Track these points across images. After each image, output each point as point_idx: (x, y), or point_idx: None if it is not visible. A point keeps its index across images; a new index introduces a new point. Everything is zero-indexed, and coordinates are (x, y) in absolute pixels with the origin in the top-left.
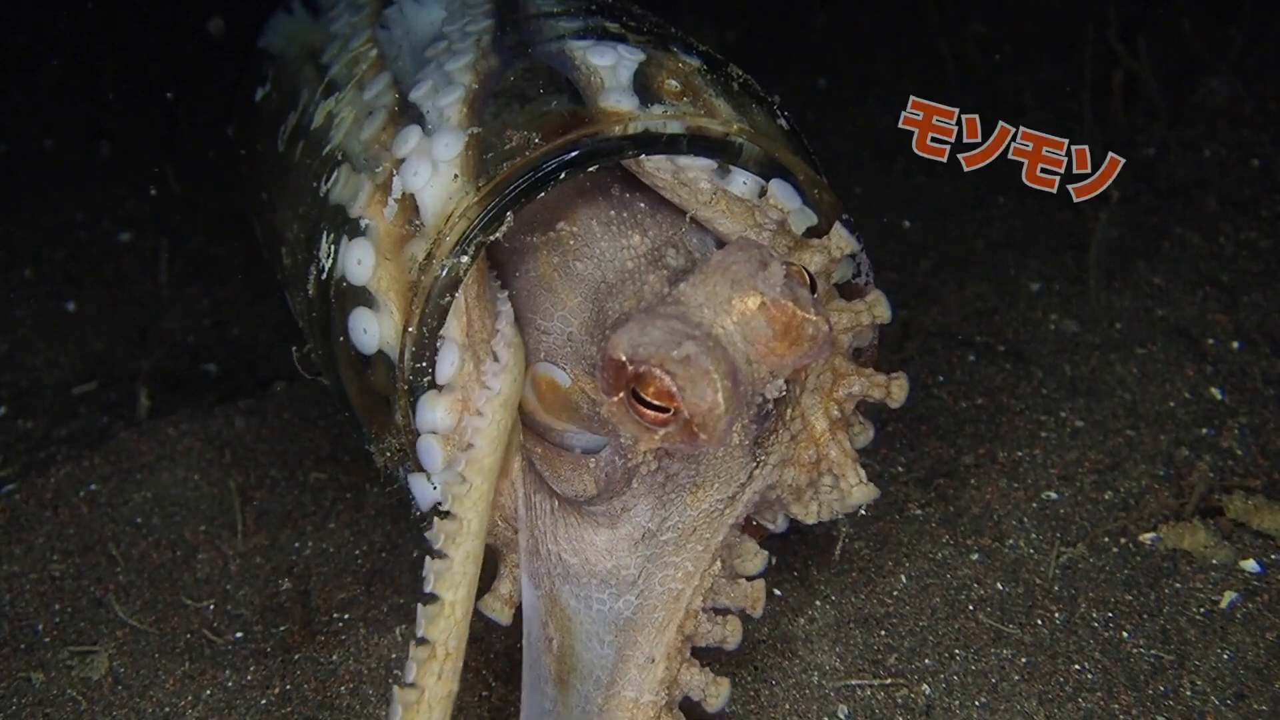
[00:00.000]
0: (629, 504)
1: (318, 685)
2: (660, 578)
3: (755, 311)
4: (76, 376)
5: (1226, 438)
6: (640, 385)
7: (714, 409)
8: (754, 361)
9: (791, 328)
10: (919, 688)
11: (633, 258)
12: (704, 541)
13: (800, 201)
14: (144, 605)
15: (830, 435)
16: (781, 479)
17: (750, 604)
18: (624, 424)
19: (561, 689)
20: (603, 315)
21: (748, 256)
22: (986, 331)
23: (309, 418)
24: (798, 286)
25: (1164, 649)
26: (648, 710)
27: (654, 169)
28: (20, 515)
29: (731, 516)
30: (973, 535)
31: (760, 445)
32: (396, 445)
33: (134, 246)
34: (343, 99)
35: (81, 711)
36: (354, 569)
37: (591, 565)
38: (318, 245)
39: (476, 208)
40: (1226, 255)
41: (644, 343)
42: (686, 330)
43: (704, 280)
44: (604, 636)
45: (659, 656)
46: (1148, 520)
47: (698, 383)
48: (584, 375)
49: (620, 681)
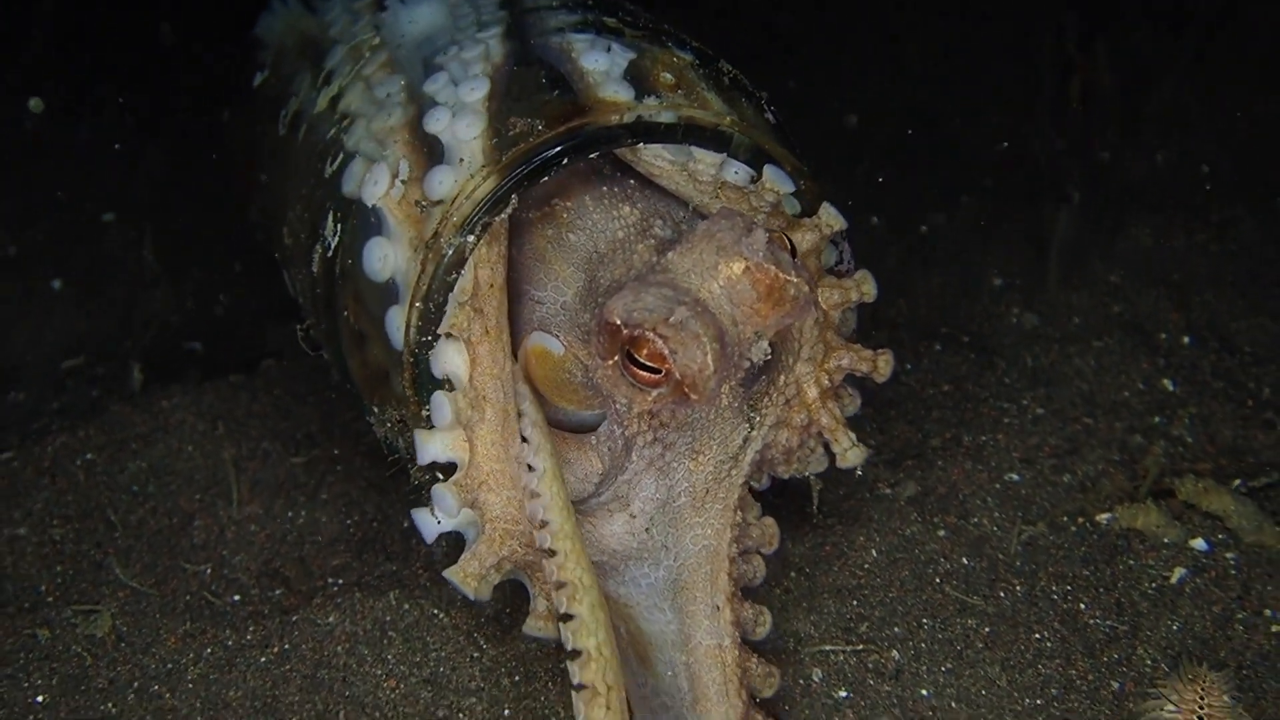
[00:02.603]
0: (633, 481)
1: (315, 645)
2: (690, 538)
3: (740, 275)
4: (63, 352)
5: (1177, 426)
6: (634, 348)
7: (704, 370)
8: (740, 323)
9: (774, 290)
10: (889, 654)
11: (623, 228)
12: (721, 501)
13: (793, 184)
14: (143, 568)
15: (821, 403)
16: (775, 440)
17: (767, 541)
18: (618, 387)
19: (646, 666)
20: (595, 283)
21: (731, 224)
22: (951, 323)
23: (299, 394)
24: (779, 251)
25: (1118, 620)
26: (731, 651)
27: (652, 157)
28: (19, 482)
29: (740, 476)
30: (940, 513)
31: (754, 409)
32: (396, 416)
33: (117, 226)
34: (346, 86)
35: (87, 666)
36: (346, 537)
37: (620, 552)
38: (323, 225)
39: (483, 190)
40: (1178, 256)
41: (638, 308)
42: (677, 296)
43: (691, 248)
44: (661, 605)
45: (722, 604)
46: (1103, 501)
47: (688, 345)
48: (577, 343)
49: (695, 635)
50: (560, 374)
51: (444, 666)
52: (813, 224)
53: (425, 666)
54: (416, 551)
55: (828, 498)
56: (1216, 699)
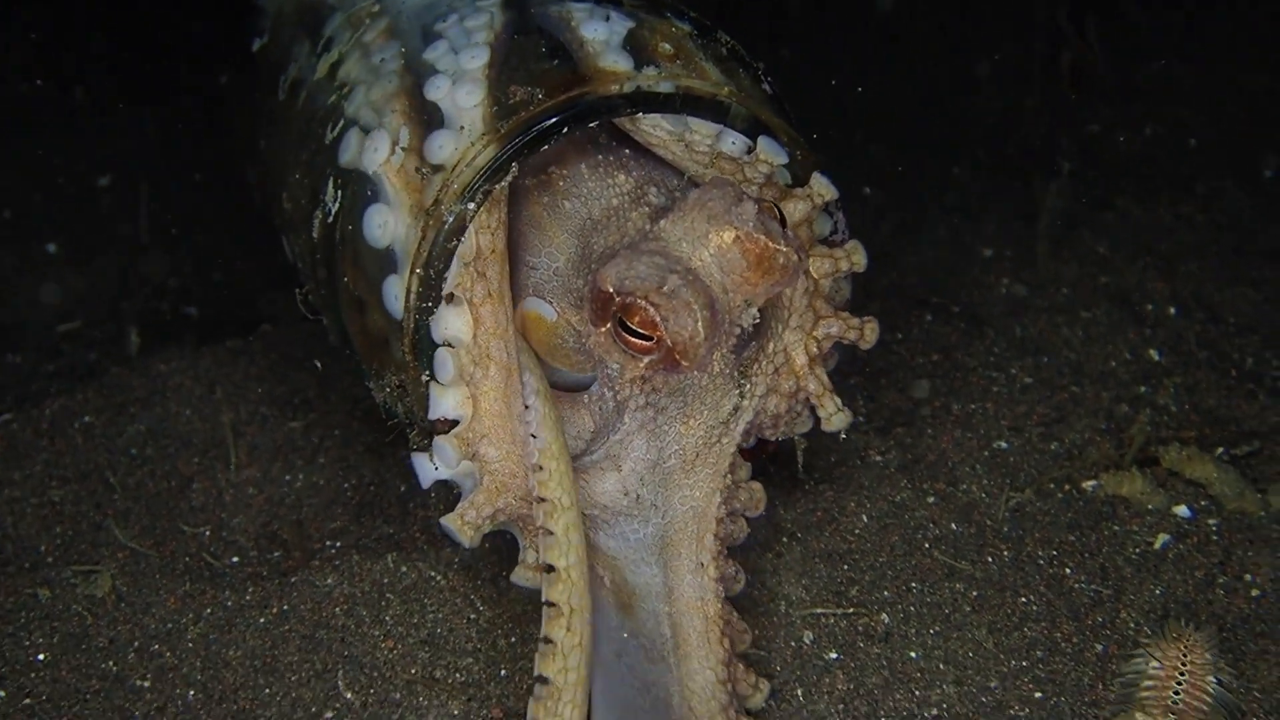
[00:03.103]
0: (625, 442)
1: (314, 606)
2: (679, 498)
3: (730, 244)
4: (59, 316)
5: (1163, 395)
6: (626, 315)
7: (695, 337)
8: (730, 291)
9: (764, 258)
10: (878, 617)
11: (618, 195)
12: (711, 466)
13: (786, 156)
14: (142, 530)
15: (809, 369)
16: (765, 407)
17: (754, 505)
18: (610, 353)
19: (627, 613)
20: (589, 250)
21: (722, 193)
22: (942, 293)
23: (295, 359)
24: (769, 220)
25: (1103, 584)
26: (714, 604)
27: (649, 127)
28: (18, 444)
29: (731, 443)
30: (929, 480)
31: (745, 376)
32: (396, 381)
33: (113, 190)
34: (346, 53)
35: (88, 625)
36: (344, 500)
37: (611, 508)
38: (323, 191)
39: (484, 158)
40: (1165, 227)
41: (630, 276)
42: (669, 265)
43: (683, 216)
44: (648, 560)
45: (707, 561)
46: (1090, 469)
47: (680, 313)
48: (569, 308)
49: (679, 588)
50: (553, 339)
51: (441, 628)
52: (804, 194)
53: (423, 628)
54: (414, 515)
55: (818, 464)
56: (1199, 656)
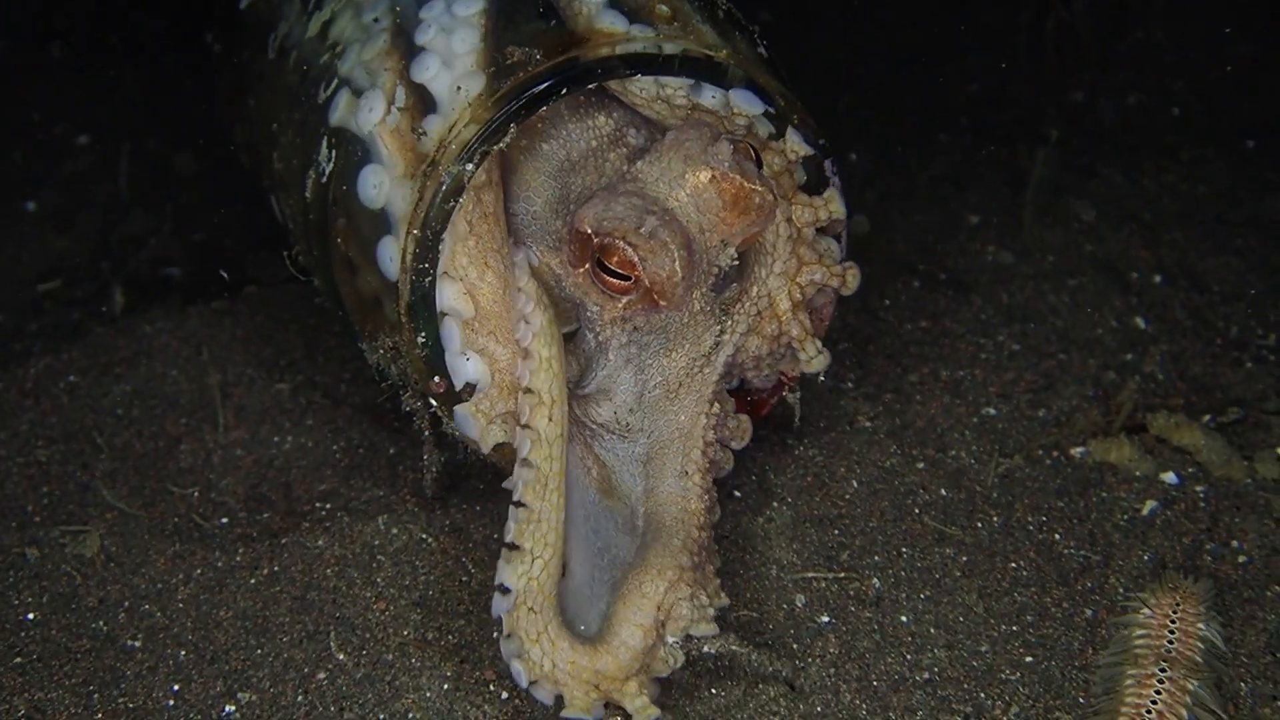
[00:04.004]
0: (613, 376)
1: (304, 568)
2: (664, 422)
3: (706, 184)
4: (39, 275)
5: (1149, 363)
6: (605, 256)
7: (672, 277)
8: (706, 231)
9: (740, 198)
10: (869, 581)
11: (596, 137)
12: (695, 393)
13: (761, 108)
14: (130, 491)
15: (792, 314)
16: (745, 346)
17: (740, 435)
18: (589, 294)
19: (607, 497)
20: (566, 191)
21: (699, 134)
22: (929, 260)
23: (282, 320)
24: (744, 160)
25: (1091, 550)
26: (696, 505)
27: (638, 88)
28: (2, 403)
29: (714, 374)
30: (918, 446)
31: (726, 314)
32: (389, 343)
33: (93, 149)
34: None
35: (77, 585)
36: (333, 463)
37: (605, 426)
38: (316, 151)
39: (482, 117)
40: (1149, 195)
41: (608, 217)
42: (646, 205)
43: (659, 157)
44: (634, 471)
45: (691, 471)
46: (1078, 436)
47: (658, 254)
48: (548, 251)
49: (661, 488)
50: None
51: (433, 590)
52: (779, 149)
53: (415, 590)
54: (404, 478)
55: (808, 430)
56: (1192, 607)
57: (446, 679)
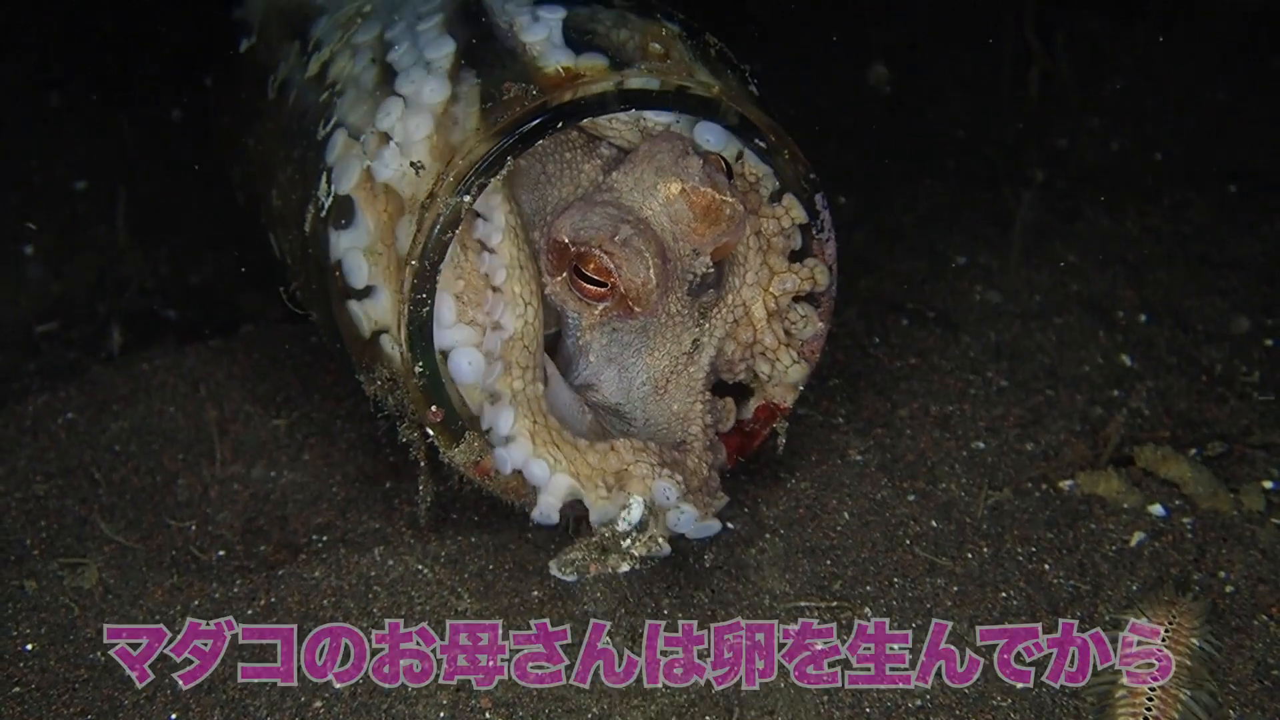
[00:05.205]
0: (598, 374)
1: (301, 599)
2: (657, 410)
3: (677, 196)
4: (37, 317)
5: (1135, 399)
6: (582, 263)
7: (646, 284)
8: (679, 240)
9: (711, 210)
10: (861, 610)
11: (570, 149)
12: (684, 386)
13: (724, 142)
14: (128, 524)
15: (767, 323)
16: (722, 350)
17: (724, 418)
18: (567, 301)
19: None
20: (543, 204)
21: (670, 146)
22: (917, 299)
23: (278, 358)
24: (715, 173)
25: (1080, 580)
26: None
27: (607, 121)
28: (1, 440)
29: (699, 370)
30: (909, 479)
31: (704, 317)
32: (386, 374)
33: (89, 193)
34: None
35: (75, 617)
36: (329, 497)
37: (601, 408)
38: (316, 186)
39: (478, 153)
40: (1133, 237)
41: (584, 226)
42: (621, 215)
43: (633, 168)
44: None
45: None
46: (1066, 469)
47: (632, 261)
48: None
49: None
50: None
51: (429, 620)
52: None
53: (411, 620)
54: (400, 511)
55: (799, 463)
56: (1188, 621)
57: (442, 707)
